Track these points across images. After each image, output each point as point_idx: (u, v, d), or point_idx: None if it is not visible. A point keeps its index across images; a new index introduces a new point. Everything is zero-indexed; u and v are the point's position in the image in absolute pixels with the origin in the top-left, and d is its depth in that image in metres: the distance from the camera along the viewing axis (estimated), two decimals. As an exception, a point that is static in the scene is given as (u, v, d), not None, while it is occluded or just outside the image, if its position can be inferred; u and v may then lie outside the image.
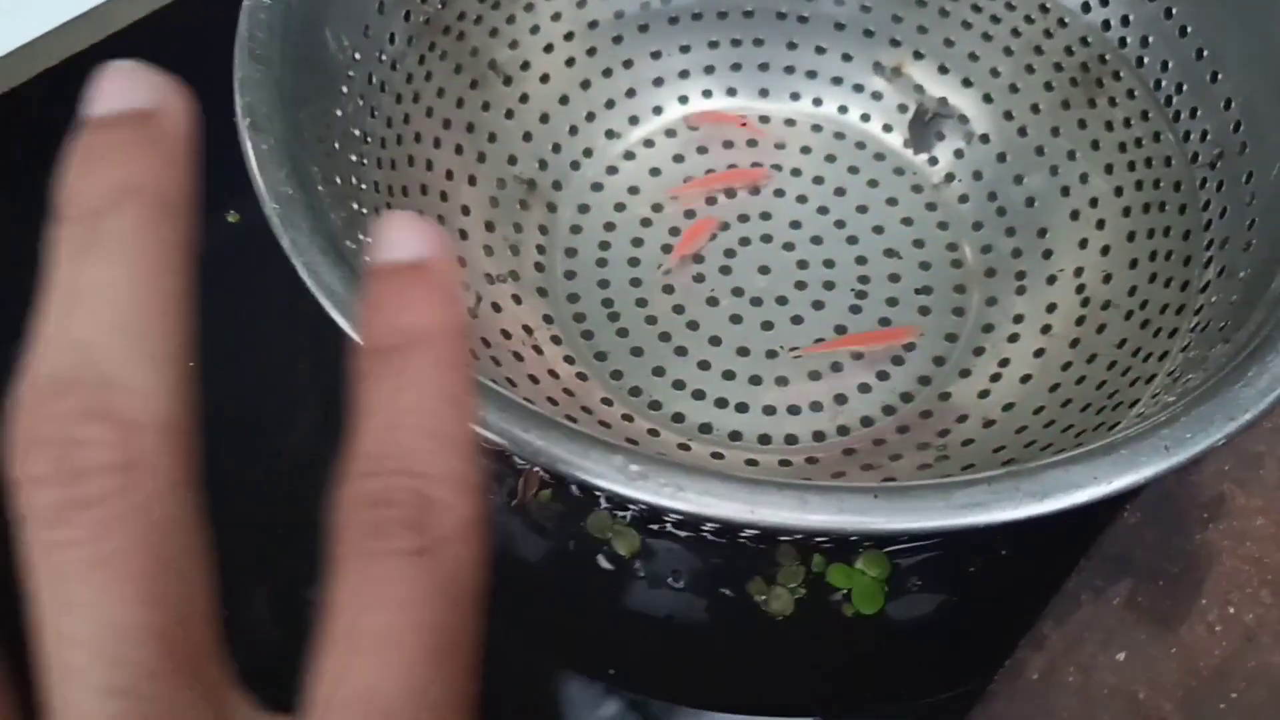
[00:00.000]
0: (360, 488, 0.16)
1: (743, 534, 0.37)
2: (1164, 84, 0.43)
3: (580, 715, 0.36)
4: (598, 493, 0.37)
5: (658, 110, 0.49)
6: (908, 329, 0.43)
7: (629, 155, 0.48)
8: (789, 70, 0.49)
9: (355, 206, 0.37)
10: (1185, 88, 0.42)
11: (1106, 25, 0.45)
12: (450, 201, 0.43)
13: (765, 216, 0.46)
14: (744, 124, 0.48)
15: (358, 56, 0.40)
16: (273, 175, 0.33)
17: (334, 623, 0.15)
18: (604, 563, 0.38)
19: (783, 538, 0.37)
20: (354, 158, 0.39)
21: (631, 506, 0.37)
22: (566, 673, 0.36)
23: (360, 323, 0.19)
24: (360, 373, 0.18)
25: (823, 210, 0.47)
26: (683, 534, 0.38)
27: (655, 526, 0.38)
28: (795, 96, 0.49)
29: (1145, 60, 0.43)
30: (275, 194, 0.32)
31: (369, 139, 0.40)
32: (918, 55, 0.48)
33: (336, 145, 0.38)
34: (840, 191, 0.47)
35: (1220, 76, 0.41)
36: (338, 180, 0.37)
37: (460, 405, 0.17)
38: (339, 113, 0.39)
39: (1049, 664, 0.28)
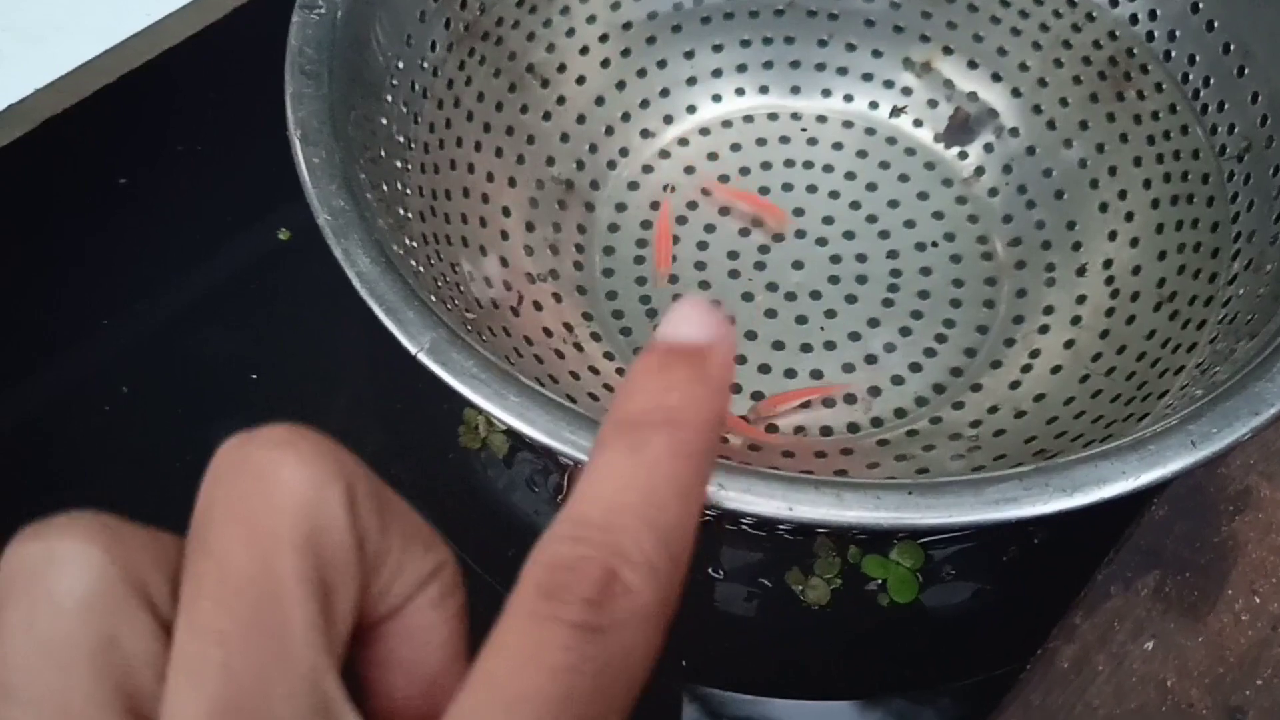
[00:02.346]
0: (555, 549, 0.16)
1: (781, 527, 0.38)
2: (1191, 78, 0.43)
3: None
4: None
5: (691, 109, 0.50)
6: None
7: (664, 154, 0.49)
8: (820, 67, 0.50)
9: (401, 212, 0.39)
10: (1212, 81, 0.42)
11: (1134, 19, 0.45)
12: (491, 203, 0.44)
13: (798, 213, 0.47)
14: (753, 201, 0.48)
15: (401, 65, 0.41)
16: (324, 188, 0.34)
17: (481, 669, 0.15)
18: (646, 555, 0.39)
19: (820, 530, 0.39)
20: (398, 164, 0.40)
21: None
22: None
23: (620, 394, 0.18)
24: (601, 439, 0.17)
25: (854, 205, 0.48)
26: (723, 527, 0.39)
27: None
28: (826, 93, 0.50)
29: (1173, 54, 0.44)
30: (328, 206, 0.34)
31: (412, 145, 0.41)
32: (947, 50, 0.49)
33: (382, 153, 0.39)
34: (872, 187, 0.48)
35: (1247, 70, 0.41)
36: (384, 187, 0.38)
37: (687, 500, 0.17)
38: (383, 120, 0.40)
39: (1080, 653, 0.29)
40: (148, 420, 0.42)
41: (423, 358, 0.31)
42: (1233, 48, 0.42)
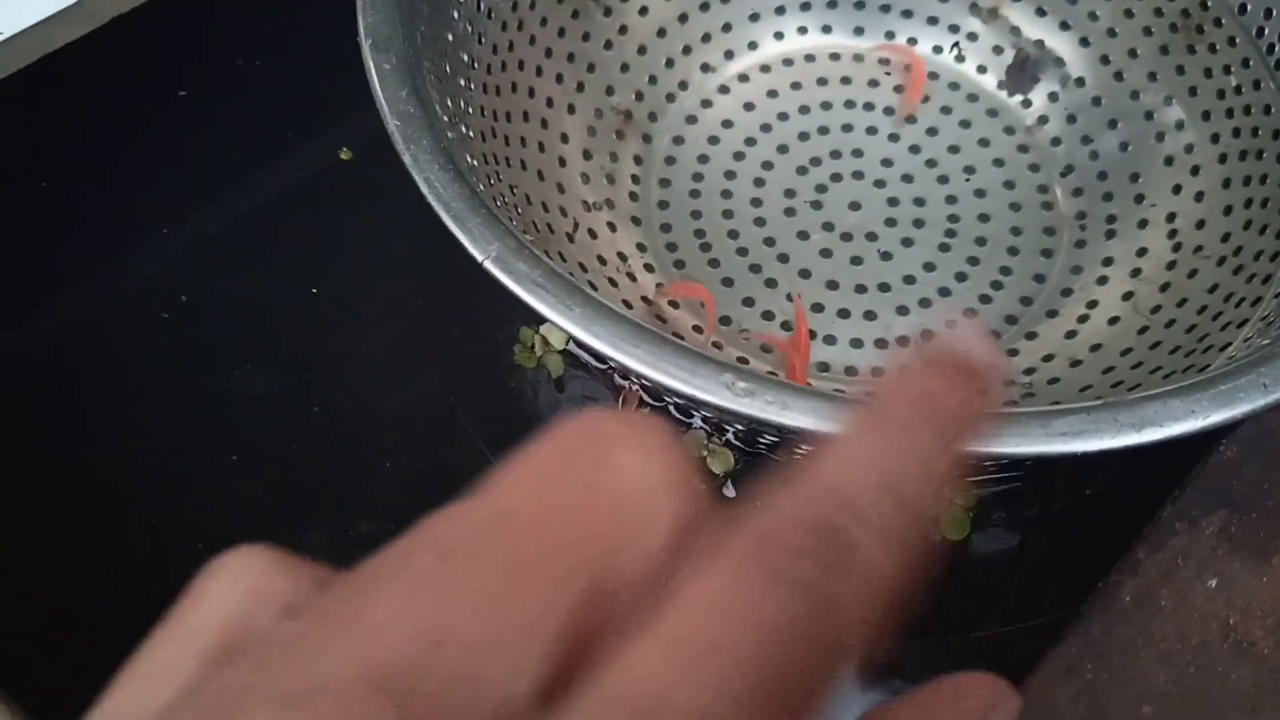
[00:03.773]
0: (793, 504, 0.14)
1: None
2: (1266, 32, 0.43)
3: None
4: (702, 410, 0.38)
5: (753, 46, 0.49)
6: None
7: (724, 89, 0.48)
8: (885, 9, 0.49)
9: (464, 129, 0.38)
10: (1289, 35, 0.42)
11: (1211, -30, 0.44)
12: (550, 129, 0.44)
13: (857, 154, 0.47)
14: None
15: (467, -19, 0.40)
16: (394, 93, 0.34)
17: (666, 607, 0.13)
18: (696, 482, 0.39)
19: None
20: (462, 82, 0.40)
21: (729, 427, 0.38)
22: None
23: (887, 385, 0.17)
24: (855, 419, 0.16)
25: (914, 149, 0.47)
26: (776, 456, 0.39)
27: (749, 448, 0.39)
28: (890, 35, 0.49)
29: (1248, 8, 0.43)
30: (397, 111, 0.34)
31: (475, 64, 0.41)
32: (1015, -4, 0.48)
33: (447, 69, 0.39)
34: (933, 131, 0.48)
35: (1327, 24, 0.40)
36: (449, 103, 0.38)
37: (936, 485, 0.15)
38: (449, 36, 0.40)
39: (1143, 588, 0.29)
40: (205, 329, 0.42)
41: (489, 265, 0.31)
42: (1313, 1, 0.41)
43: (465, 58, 0.41)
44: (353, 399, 0.41)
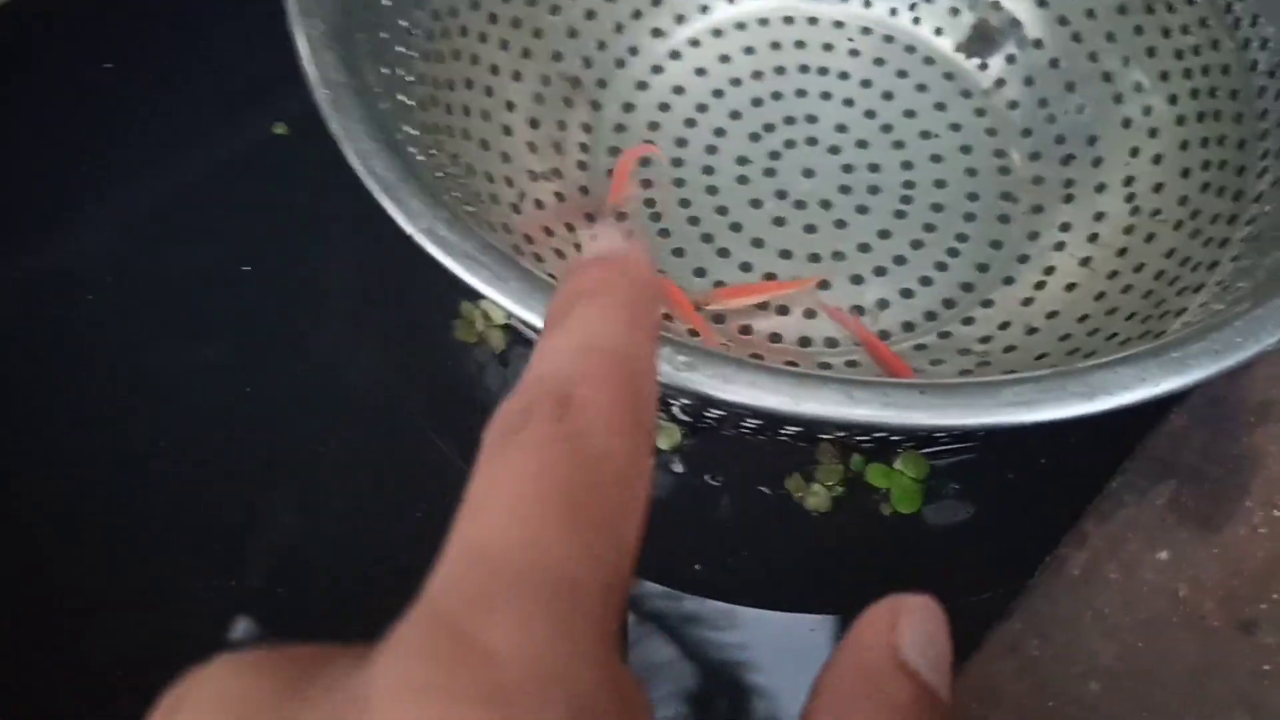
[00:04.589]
0: (508, 406, 0.16)
1: (784, 431, 0.37)
2: (1225, -10, 0.42)
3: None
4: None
5: (704, 9, 0.48)
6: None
7: (675, 55, 0.47)
8: (839, -29, 0.48)
9: (401, 98, 0.37)
10: (1247, -7, 0.41)
11: (1168, -72, 0.43)
12: (495, 97, 0.43)
13: (811, 120, 0.46)
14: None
15: (405, -55, 0.39)
16: (322, 60, 0.33)
17: (462, 507, 0.15)
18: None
19: (823, 436, 0.38)
20: (401, 49, 0.39)
21: (675, 400, 0.37)
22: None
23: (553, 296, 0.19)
24: (545, 326, 0.18)
25: (869, 114, 0.46)
26: (724, 431, 0.38)
27: (696, 422, 0.38)
28: (844, -2, 0.48)
29: (1207, -35, 0.42)
30: (325, 79, 0.32)
31: (414, 31, 0.40)
32: (972, -43, 0.47)
33: (384, 35, 0.38)
34: (888, 96, 0.47)
35: (1285, -19, 0.40)
36: (384, 71, 0.37)
37: (631, 332, 0.17)
38: (386, 2, 0.38)
39: (1091, 561, 0.29)
40: (132, 311, 0.41)
41: (420, 238, 0.30)
42: (1270, -42, 0.40)
43: (404, 24, 0.39)
44: (289, 378, 0.40)
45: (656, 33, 0.47)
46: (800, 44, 0.48)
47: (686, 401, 0.37)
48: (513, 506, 0.14)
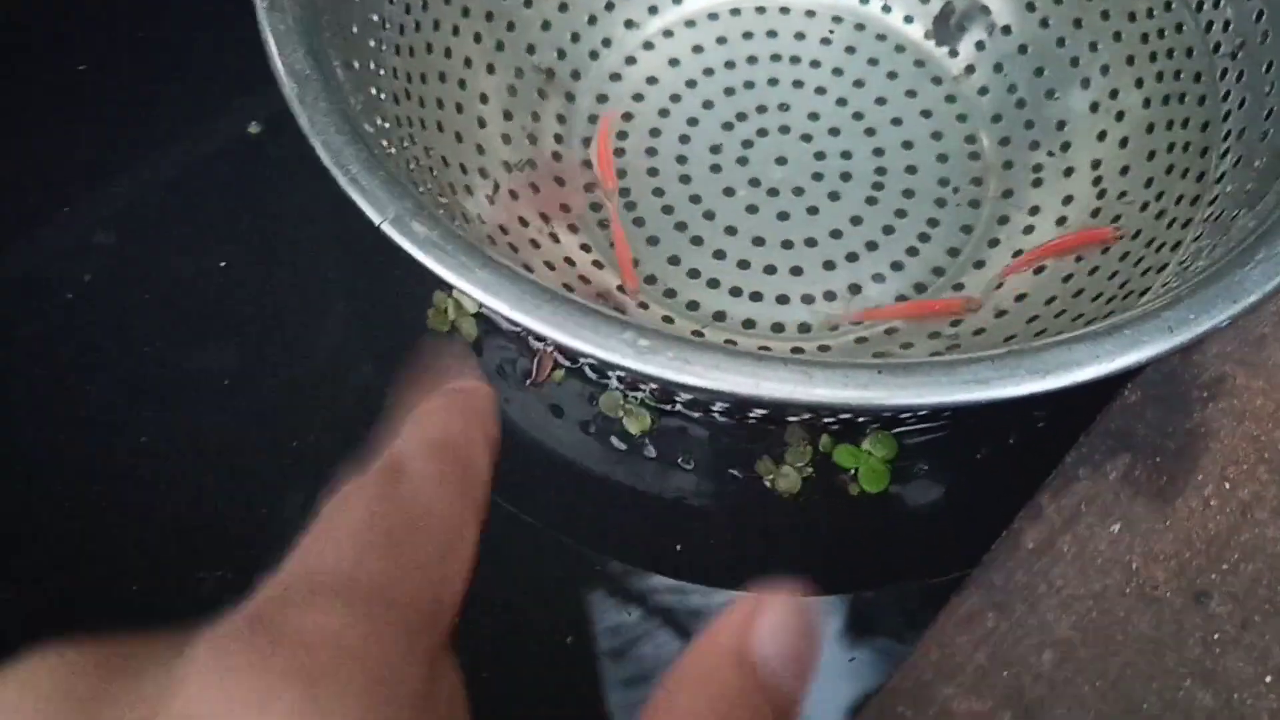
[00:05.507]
0: (352, 480, 0.18)
1: (752, 414, 0.38)
2: (1189, -27, 0.42)
3: (588, 592, 0.37)
4: (610, 370, 0.38)
5: (677, 0, 0.48)
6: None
7: (648, 45, 0.48)
8: (810, -40, 0.49)
9: (374, 92, 0.38)
10: (1210, -24, 0.41)
11: (1133, -87, 0.44)
12: (468, 89, 0.43)
13: (783, 108, 0.46)
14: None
15: (375, -60, 0.40)
16: (290, 54, 0.33)
17: (293, 551, 0.17)
18: (616, 443, 0.39)
19: (791, 418, 0.38)
20: (372, 43, 0.39)
21: (643, 386, 0.38)
22: (576, 549, 0.37)
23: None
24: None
25: (841, 102, 0.47)
26: (694, 414, 0.38)
27: (667, 406, 0.39)
28: (816, -13, 0.49)
29: (1171, -51, 0.43)
30: (293, 72, 0.33)
31: (386, 25, 0.40)
32: (941, -56, 0.48)
33: (354, 29, 0.38)
34: (859, 83, 0.47)
35: (1246, -36, 0.40)
36: (355, 65, 0.37)
37: (462, 428, 0.19)
38: (357, -3, 0.39)
39: (1045, 535, 0.29)
40: (112, 310, 0.42)
41: (387, 228, 0.30)
42: (1232, -59, 0.41)
43: (375, 18, 0.40)
44: (266, 371, 0.40)
45: (630, 24, 0.48)
46: (772, 33, 0.48)
47: (654, 386, 0.38)
48: (339, 542, 0.16)
